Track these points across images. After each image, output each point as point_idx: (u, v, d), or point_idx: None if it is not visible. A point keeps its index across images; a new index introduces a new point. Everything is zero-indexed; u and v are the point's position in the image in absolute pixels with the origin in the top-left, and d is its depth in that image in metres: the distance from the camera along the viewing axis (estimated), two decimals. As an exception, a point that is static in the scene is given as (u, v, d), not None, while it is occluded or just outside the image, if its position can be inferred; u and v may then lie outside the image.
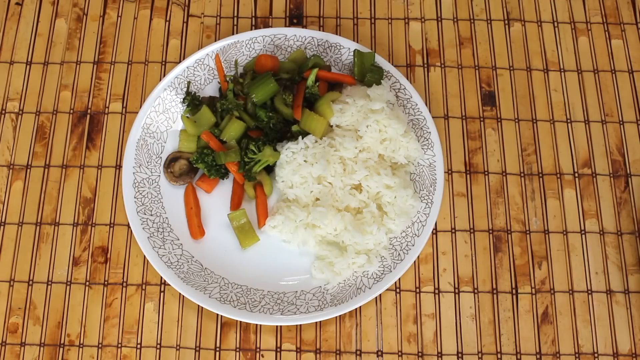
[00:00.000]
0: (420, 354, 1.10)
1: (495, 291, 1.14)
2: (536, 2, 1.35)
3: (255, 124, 1.17)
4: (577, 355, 1.10)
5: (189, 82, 1.21)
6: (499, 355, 1.10)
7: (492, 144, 1.24)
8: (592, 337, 1.11)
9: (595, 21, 1.33)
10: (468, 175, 1.21)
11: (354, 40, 1.29)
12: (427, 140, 1.17)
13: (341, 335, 1.11)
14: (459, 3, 1.35)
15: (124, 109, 1.25)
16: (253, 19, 1.33)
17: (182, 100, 1.21)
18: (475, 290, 1.14)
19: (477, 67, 1.29)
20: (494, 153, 1.23)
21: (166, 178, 1.17)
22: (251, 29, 1.32)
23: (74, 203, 1.19)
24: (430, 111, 1.24)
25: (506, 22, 1.33)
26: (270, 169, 1.18)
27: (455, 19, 1.33)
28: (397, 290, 1.14)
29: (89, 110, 1.25)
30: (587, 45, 1.31)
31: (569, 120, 1.26)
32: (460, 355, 1.10)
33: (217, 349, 1.11)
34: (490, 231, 1.18)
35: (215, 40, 1.27)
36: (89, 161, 1.22)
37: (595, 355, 1.10)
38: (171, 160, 1.17)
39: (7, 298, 1.14)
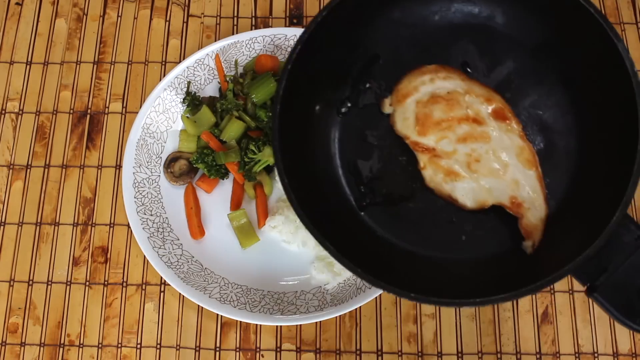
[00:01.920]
0: (420, 353, 1.10)
1: (495, 291, 1.14)
2: (536, 2, 1.34)
3: (255, 124, 1.17)
4: (577, 355, 1.10)
5: (189, 82, 1.21)
6: (499, 355, 1.10)
7: (492, 144, 1.23)
8: (592, 337, 1.11)
9: (595, 21, 1.33)
10: (468, 175, 1.21)
11: (354, 40, 1.29)
12: (427, 140, 1.17)
13: (341, 335, 1.11)
14: (459, 3, 1.34)
15: (124, 109, 1.25)
16: (253, 19, 1.33)
17: (182, 100, 1.21)
18: (475, 290, 1.14)
19: (477, 67, 1.29)
20: (494, 153, 1.23)
21: (166, 178, 1.17)
22: (251, 29, 1.32)
23: (74, 203, 1.19)
24: (430, 111, 1.24)
25: (506, 22, 1.33)
26: (270, 169, 1.18)
27: (455, 19, 1.33)
28: (397, 290, 1.14)
29: (89, 110, 1.26)
30: (587, 45, 1.31)
31: (569, 120, 1.25)
32: (460, 355, 1.10)
33: (217, 349, 1.11)
34: (490, 231, 1.18)
35: (215, 40, 1.27)
36: (89, 161, 1.22)
37: (595, 355, 1.10)
38: (171, 160, 1.18)
39: (7, 298, 1.14)
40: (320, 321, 1.11)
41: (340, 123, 0.96)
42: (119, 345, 1.11)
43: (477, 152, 0.89)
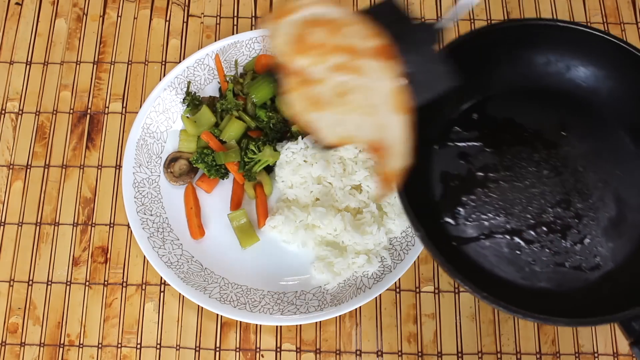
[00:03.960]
0: (420, 353, 1.10)
1: (495, 291, 1.14)
2: (536, 2, 1.35)
3: (255, 124, 1.17)
4: (577, 355, 1.10)
5: (189, 82, 1.21)
6: (499, 355, 1.10)
7: (492, 144, 1.23)
8: (592, 337, 1.11)
9: (595, 21, 1.33)
10: (468, 175, 1.21)
11: (354, 40, 1.29)
12: (427, 140, 1.17)
13: (341, 335, 1.11)
14: (459, 3, 1.34)
15: (124, 109, 1.25)
16: (253, 19, 1.33)
17: (182, 100, 1.21)
18: (475, 290, 1.14)
19: (477, 67, 1.29)
20: (494, 153, 1.23)
21: (166, 178, 1.17)
22: (251, 29, 1.32)
23: (73, 203, 1.19)
24: (430, 111, 1.24)
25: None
26: (270, 169, 1.18)
27: (455, 19, 1.33)
28: (397, 290, 1.14)
29: (89, 110, 1.25)
30: (587, 45, 1.31)
31: (569, 120, 1.25)
32: (460, 355, 1.10)
33: (217, 349, 1.11)
34: (490, 231, 1.18)
35: (215, 40, 1.27)
36: (89, 161, 1.22)
37: (595, 355, 1.10)
38: (171, 160, 1.18)
39: (7, 298, 1.14)
40: (320, 321, 1.11)
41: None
42: (119, 345, 1.11)
43: (348, 85, 0.81)
